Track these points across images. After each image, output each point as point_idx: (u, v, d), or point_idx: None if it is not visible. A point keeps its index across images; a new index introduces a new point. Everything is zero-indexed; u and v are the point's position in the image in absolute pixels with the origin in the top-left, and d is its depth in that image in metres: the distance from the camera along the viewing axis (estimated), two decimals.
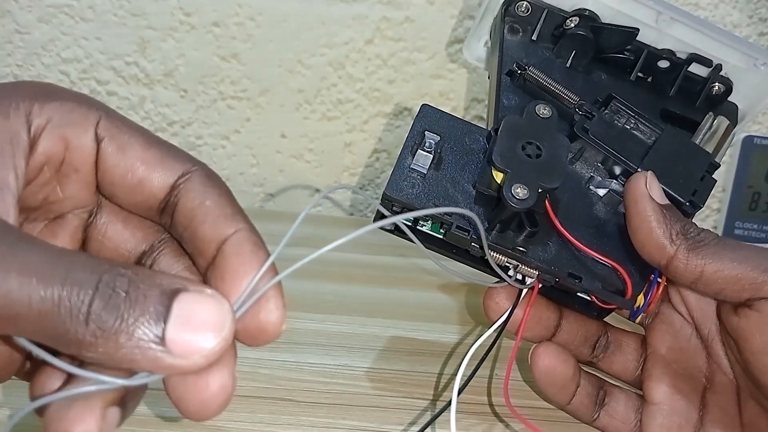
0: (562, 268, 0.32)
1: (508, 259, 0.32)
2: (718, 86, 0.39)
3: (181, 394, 0.22)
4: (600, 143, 0.34)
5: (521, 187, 0.30)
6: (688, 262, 0.31)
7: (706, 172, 0.35)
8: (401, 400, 0.37)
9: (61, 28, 0.52)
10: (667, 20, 0.39)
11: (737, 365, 0.34)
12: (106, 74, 0.53)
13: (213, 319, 0.21)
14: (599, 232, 0.33)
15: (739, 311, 0.32)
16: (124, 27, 0.52)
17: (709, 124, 0.38)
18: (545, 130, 0.33)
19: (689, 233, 0.32)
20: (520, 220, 0.32)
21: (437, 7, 0.51)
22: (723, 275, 0.31)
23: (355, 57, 0.53)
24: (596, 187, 0.35)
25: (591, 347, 0.36)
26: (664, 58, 0.39)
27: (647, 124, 0.35)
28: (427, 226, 0.34)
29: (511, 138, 0.32)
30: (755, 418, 0.33)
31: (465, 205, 0.32)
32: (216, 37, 0.52)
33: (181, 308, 0.21)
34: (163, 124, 0.55)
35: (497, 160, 0.31)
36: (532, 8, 0.39)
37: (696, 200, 0.34)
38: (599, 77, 0.39)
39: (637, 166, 0.34)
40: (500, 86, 0.36)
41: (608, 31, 0.39)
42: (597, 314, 0.35)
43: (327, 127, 0.55)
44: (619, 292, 0.33)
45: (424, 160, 0.32)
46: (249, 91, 0.54)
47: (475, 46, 0.43)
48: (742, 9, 0.52)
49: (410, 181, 0.32)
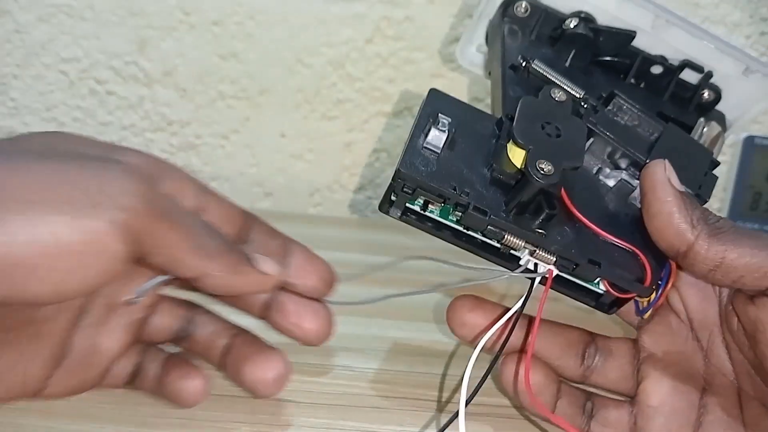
0: (581, 252, 0.31)
1: (525, 243, 0.31)
2: (707, 93, 0.40)
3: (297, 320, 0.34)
4: (608, 134, 0.34)
5: (545, 162, 0.30)
6: (709, 248, 0.30)
7: (709, 168, 0.35)
8: (402, 401, 0.37)
9: (61, 28, 0.52)
10: (663, 24, 0.40)
11: (742, 365, 0.34)
12: (106, 74, 0.53)
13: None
14: (612, 222, 0.33)
15: (756, 300, 0.31)
16: (124, 26, 0.52)
17: (701, 129, 0.38)
18: (562, 113, 0.32)
19: (709, 219, 0.31)
20: (537, 204, 0.31)
21: (437, 6, 0.51)
22: (744, 262, 0.30)
23: (355, 56, 0.53)
24: (605, 178, 0.35)
25: (580, 357, 0.35)
26: (658, 63, 0.40)
27: (649, 122, 0.35)
28: (435, 212, 0.33)
29: (530, 117, 0.31)
30: (758, 419, 0.33)
31: (481, 187, 0.31)
32: (215, 36, 0.52)
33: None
34: (162, 124, 0.55)
35: (519, 136, 0.31)
36: (531, 9, 0.40)
37: (702, 194, 0.34)
38: (597, 79, 0.39)
39: (645, 158, 0.34)
40: (505, 79, 0.36)
41: (606, 33, 0.40)
42: (608, 308, 0.34)
43: (327, 127, 0.55)
44: (638, 279, 0.32)
45: (438, 139, 0.31)
46: (248, 91, 0.54)
47: (469, 50, 0.44)
48: (743, 8, 0.52)
49: (424, 160, 0.31)
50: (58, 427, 0.33)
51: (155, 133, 0.55)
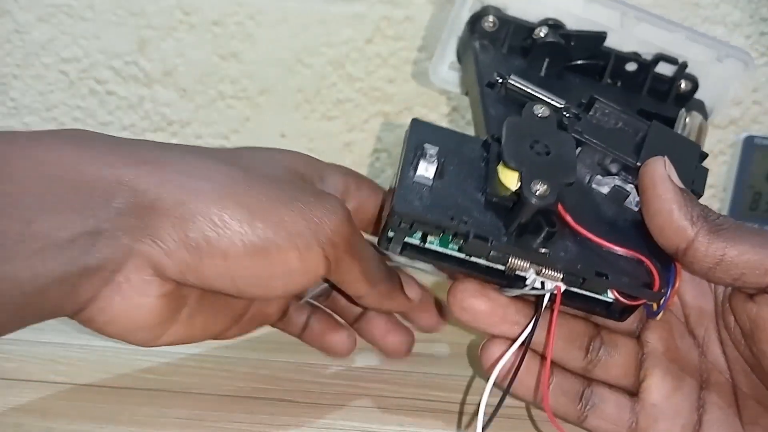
0: (587, 266, 0.31)
1: (530, 264, 0.31)
2: (684, 84, 0.41)
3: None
4: (596, 142, 0.34)
5: (540, 183, 0.30)
6: (709, 245, 0.30)
7: (699, 161, 0.34)
8: (402, 401, 0.37)
9: (61, 28, 0.52)
10: (632, 20, 0.40)
11: (737, 362, 0.33)
12: (105, 74, 0.53)
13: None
14: (612, 229, 0.33)
15: (757, 298, 0.31)
16: (124, 26, 0.52)
17: (683, 120, 0.38)
18: (547, 129, 0.32)
19: (709, 216, 0.31)
20: (536, 223, 0.31)
21: (437, 6, 0.51)
22: (745, 259, 0.30)
23: (355, 56, 0.53)
24: (598, 185, 0.34)
25: (584, 350, 0.35)
26: (632, 60, 0.40)
27: (633, 122, 0.35)
28: (435, 243, 0.32)
29: (517, 138, 0.31)
30: (756, 417, 0.33)
31: (477, 213, 0.31)
32: (215, 36, 0.52)
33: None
34: (162, 124, 0.55)
35: (510, 160, 0.30)
36: (499, 22, 0.40)
37: (696, 188, 0.34)
38: (574, 84, 0.40)
39: (635, 160, 0.33)
40: (484, 98, 0.36)
41: (576, 37, 0.40)
42: (619, 315, 0.34)
43: (327, 127, 0.55)
44: (646, 285, 0.32)
45: (428, 170, 0.31)
46: (248, 91, 0.54)
47: (441, 69, 0.44)
48: (743, 8, 0.52)
49: (417, 194, 0.31)
50: (58, 427, 0.33)
51: (155, 133, 0.55)
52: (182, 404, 0.35)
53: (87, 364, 0.37)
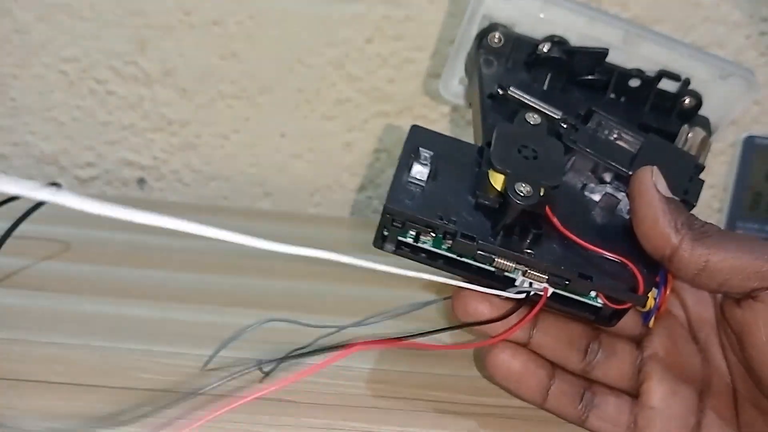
0: (571, 267, 0.32)
1: (516, 265, 0.32)
2: (688, 100, 0.41)
3: None
4: (590, 151, 0.35)
5: (523, 185, 0.31)
6: (692, 251, 0.31)
7: (693, 173, 0.35)
8: (402, 402, 0.37)
9: (60, 28, 0.52)
10: (634, 38, 0.40)
11: (736, 366, 0.34)
12: (105, 73, 0.53)
13: None
14: (601, 234, 0.34)
15: (743, 304, 0.32)
16: (123, 26, 0.52)
17: (685, 136, 0.38)
18: (537, 135, 0.34)
19: (694, 224, 0.32)
20: (523, 224, 0.32)
21: (437, 6, 0.51)
22: (728, 265, 0.31)
23: (355, 56, 0.53)
24: (591, 193, 0.35)
25: (582, 352, 0.36)
26: (635, 76, 0.41)
27: (630, 135, 0.36)
28: (428, 243, 0.33)
29: (506, 143, 0.33)
30: (753, 421, 0.33)
31: (467, 214, 0.32)
32: (215, 36, 0.52)
33: None
34: (162, 124, 0.55)
35: (497, 162, 0.32)
36: (505, 38, 0.41)
37: (689, 199, 0.34)
38: (577, 97, 0.40)
39: (628, 170, 0.34)
40: (484, 108, 0.37)
41: (579, 54, 0.41)
42: (608, 320, 0.34)
43: (327, 127, 0.55)
44: (631, 288, 0.32)
45: (421, 172, 0.33)
46: (248, 91, 0.54)
47: (452, 83, 0.45)
48: (743, 8, 0.52)
49: (409, 194, 0.32)
50: (58, 428, 0.33)
51: (155, 133, 0.55)
52: (182, 404, 0.35)
53: (87, 364, 0.37)
